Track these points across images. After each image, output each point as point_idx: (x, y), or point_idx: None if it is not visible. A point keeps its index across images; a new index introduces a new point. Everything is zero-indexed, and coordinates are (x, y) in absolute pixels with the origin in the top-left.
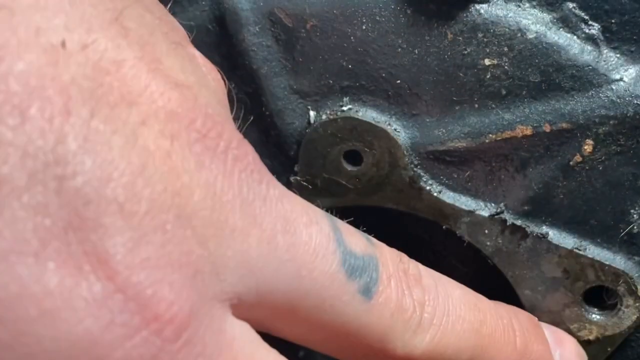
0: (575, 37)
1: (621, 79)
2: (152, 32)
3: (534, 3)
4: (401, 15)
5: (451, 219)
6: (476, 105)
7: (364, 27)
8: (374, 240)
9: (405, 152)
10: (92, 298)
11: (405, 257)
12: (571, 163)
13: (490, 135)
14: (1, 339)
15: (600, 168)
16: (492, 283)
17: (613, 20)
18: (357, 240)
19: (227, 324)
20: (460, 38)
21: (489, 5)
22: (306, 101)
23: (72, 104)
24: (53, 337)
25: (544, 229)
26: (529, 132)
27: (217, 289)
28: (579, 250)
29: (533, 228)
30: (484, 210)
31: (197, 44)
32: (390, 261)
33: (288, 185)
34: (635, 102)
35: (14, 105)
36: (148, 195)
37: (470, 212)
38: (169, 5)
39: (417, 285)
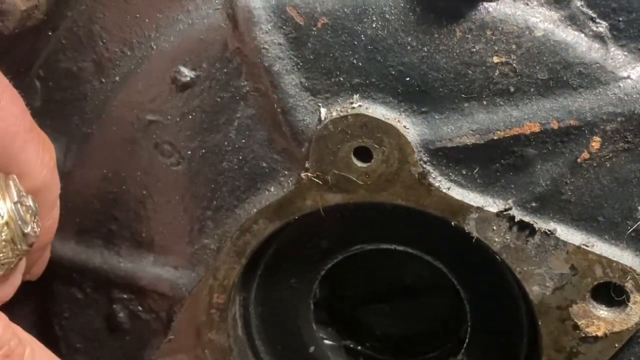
0: (582, 34)
1: (628, 77)
2: None
3: (542, 1)
4: (410, 14)
5: (460, 215)
6: (484, 102)
7: (374, 25)
8: None
9: (414, 148)
10: None
11: None
12: (579, 160)
13: (499, 131)
14: None
15: (608, 165)
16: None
17: (620, 18)
18: None
19: None
20: (469, 36)
21: (497, 4)
22: (317, 98)
23: None
24: None
25: (552, 225)
26: (536, 128)
27: None
28: (587, 246)
29: (541, 224)
30: (492, 206)
31: (210, 41)
32: None
33: (299, 180)
34: None
35: None
36: None
37: (479, 209)
38: (182, 3)
39: None
